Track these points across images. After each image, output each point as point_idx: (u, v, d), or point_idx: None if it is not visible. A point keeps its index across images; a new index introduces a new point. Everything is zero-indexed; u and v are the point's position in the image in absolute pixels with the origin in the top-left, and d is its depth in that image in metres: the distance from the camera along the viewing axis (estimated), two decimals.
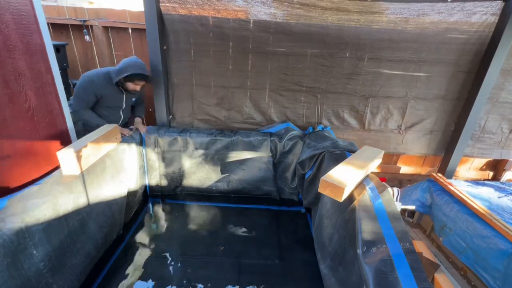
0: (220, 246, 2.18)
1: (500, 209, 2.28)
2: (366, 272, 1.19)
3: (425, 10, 2.45)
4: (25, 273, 1.30)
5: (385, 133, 3.00)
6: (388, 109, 2.88)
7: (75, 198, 1.67)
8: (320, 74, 2.72)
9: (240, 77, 2.72)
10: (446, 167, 2.90)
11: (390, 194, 1.64)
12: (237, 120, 2.91)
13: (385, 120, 2.94)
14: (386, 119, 2.93)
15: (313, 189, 2.33)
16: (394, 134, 3.01)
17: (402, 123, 2.95)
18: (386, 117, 2.92)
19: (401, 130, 2.99)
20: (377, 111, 2.89)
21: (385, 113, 2.90)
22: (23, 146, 1.65)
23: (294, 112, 2.89)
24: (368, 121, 2.93)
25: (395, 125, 2.97)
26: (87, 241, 1.76)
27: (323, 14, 2.47)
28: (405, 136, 3.02)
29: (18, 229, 1.28)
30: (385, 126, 2.97)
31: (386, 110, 2.88)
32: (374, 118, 2.93)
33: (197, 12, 2.45)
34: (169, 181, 2.74)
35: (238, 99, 2.81)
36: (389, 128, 2.98)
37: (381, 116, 2.92)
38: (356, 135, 3.01)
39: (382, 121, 2.94)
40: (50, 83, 1.83)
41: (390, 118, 2.93)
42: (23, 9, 1.59)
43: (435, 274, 2.01)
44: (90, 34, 3.13)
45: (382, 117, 2.92)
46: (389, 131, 3.00)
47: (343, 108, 2.88)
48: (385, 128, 2.98)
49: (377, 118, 2.92)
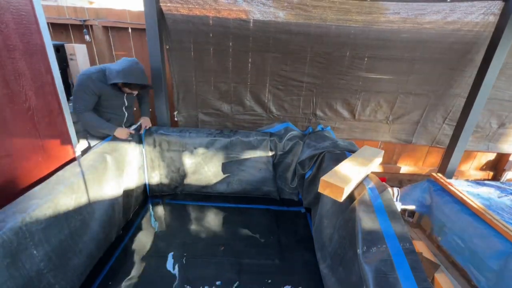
0: (220, 246, 2.18)
1: (500, 209, 2.28)
2: (366, 272, 1.19)
3: (424, 9, 2.46)
4: (26, 273, 1.30)
5: (374, 122, 3.18)
6: (378, 102, 3.04)
7: (76, 198, 1.67)
8: (316, 71, 2.84)
9: (240, 74, 2.85)
10: (446, 167, 2.90)
11: (390, 194, 1.64)
12: (240, 112, 3.09)
13: (375, 112, 3.10)
14: (375, 110, 3.09)
15: (313, 189, 2.33)
16: (382, 124, 3.18)
17: (390, 114, 3.11)
18: (375, 109, 3.09)
19: (389, 121, 3.16)
20: (367, 103, 3.05)
21: (375, 106, 3.06)
22: (23, 146, 1.65)
23: (291, 104, 3.07)
24: (358, 112, 3.10)
25: (384, 116, 3.13)
26: (89, 242, 1.76)
27: (323, 13, 2.49)
28: (392, 126, 3.19)
29: (18, 229, 1.28)
30: (374, 116, 3.13)
31: (376, 103, 3.05)
32: (365, 110, 3.09)
33: (198, 11, 2.47)
34: (169, 181, 2.74)
35: (239, 93, 2.97)
36: (378, 119, 3.15)
37: (371, 108, 3.08)
38: (347, 124, 3.20)
39: (371, 112, 3.11)
40: (50, 83, 1.83)
41: (379, 110, 3.09)
42: (23, 9, 1.59)
43: (435, 274, 2.02)
44: (90, 34, 3.12)
45: (372, 109, 3.09)
46: (378, 121, 3.17)
47: (336, 101, 3.04)
48: (374, 118, 3.14)
49: (367, 109, 3.09)
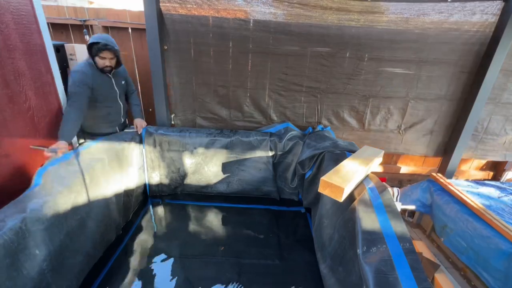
0: (220, 246, 2.18)
1: (500, 209, 2.28)
2: (366, 272, 1.19)
3: (426, 10, 2.45)
4: (27, 273, 1.30)
5: (385, 133, 2.99)
6: (388, 110, 2.87)
7: (74, 197, 1.67)
8: (320, 74, 2.71)
9: (240, 77, 2.73)
10: (446, 167, 2.90)
11: (390, 194, 1.64)
12: (238, 118, 2.93)
13: (385, 120, 2.93)
14: (386, 119, 2.92)
15: (313, 189, 2.33)
16: (393, 134, 3.00)
17: (402, 123, 2.94)
18: (386, 117, 2.91)
19: (401, 130, 2.98)
20: (377, 111, 2.88)
21: (385, 113, 2.89)
22: (23, 146, 1.65)
23: (294, 112, 2.89)
24: (368, 121, 2.92)
25: (395, 125, 2.95)
26: (86, 241, 1.75)
27: (323, 14, 2.47)
28: (404, 136, 3.01)
29: (18, 229, 1.28)
30: (385, 126, 2.96)
31: (386, 110, 2.87)
32: (374, 118, 2.91)
33: (197, 12, 2.46)
34: (168, 181, 2.74)
35: (238, 98, 2.82)
36: (389, 128, 2.97)
37: (381, 116, 2.91)
38: (355, 135, 3.01)
39: (382, 121, 2.93)
40: (50, 83, 1.83)
41: (390, 118, 2.91)
42: (23, 9, 1.59)
43: (435, 274, 2.01)
44: (90, 34, 3.12)
45: (382, 117, 2.91)
46: (389, 131, 2.99)
47: (343, 108, 2.87)
48: (385, 128, 2.97)
49: (377, 118, 2.91)
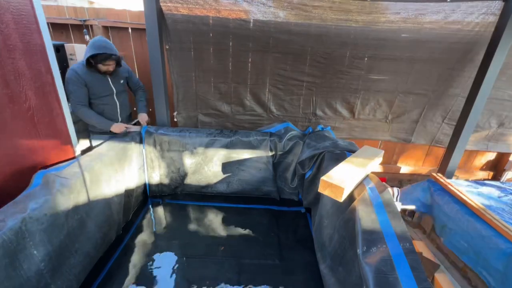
0: (220, 246, 2.18)
1: (500, 209, 2.28)
2: (366, 272, 1.19)
3: (424, 9, 2.46)
4: (24, 273, 1.30)
5: (373, 121, 3.20)
6: (377, 101, 3.06)
7: (74, 197, 1.67)
8: (316, 70, 2.84)
9: (240, 74, 2.84)
10: (446, 167, 2.90)
11: (390, 194, 1.64)
12: (240, 113, 3.09)
13: (374, 111, 3.13)
14: (374, 109, 3.12)
15: (313, 189, 2.33)
16: (381, 123, 3.21)
17: (389, 113, 3.11)
18: (375, 108, 3.11)
19: (388, 120, 3.18)
20: (367, 102, 3.07)
21: (375, 105, 3.09)
22: (22, 146, 1.65)
23: (291, 104, 3.09)
24: (358, 111, 3.13)
25: (383, 115, 3.15)
26: (85, 241, 1.75)
27: (323, 13, 2.48)
28: (391, 125, 3.22)
29: (18, 229, 1.28)
30: (373, 115, 3.16)
31: (375, 102, 3.07)
32: (364, 109, 3.11)
33: (198, 11, 2.46)
34: (168, 181, 2.74)
35: (239, 93, 2.95)
36: (377, 118, 3.17)
37: (370, 107, 3.10)
38: (346, 123, 3.23)
39: (371, 111, 3.13)
40: (50, 83, 1.82)
41: (378, 109, 3.12)
42: (23, 9, 1.59)
43: (435, 274, 2.02)
44: (90, 34, 3.12)
45: (371, 108, 3.11)
46: (377, 120, 3.19)
47: (336, 100, 3.07)
48: (373, 117, 3.17)
49: (366, 108, 3.11)
